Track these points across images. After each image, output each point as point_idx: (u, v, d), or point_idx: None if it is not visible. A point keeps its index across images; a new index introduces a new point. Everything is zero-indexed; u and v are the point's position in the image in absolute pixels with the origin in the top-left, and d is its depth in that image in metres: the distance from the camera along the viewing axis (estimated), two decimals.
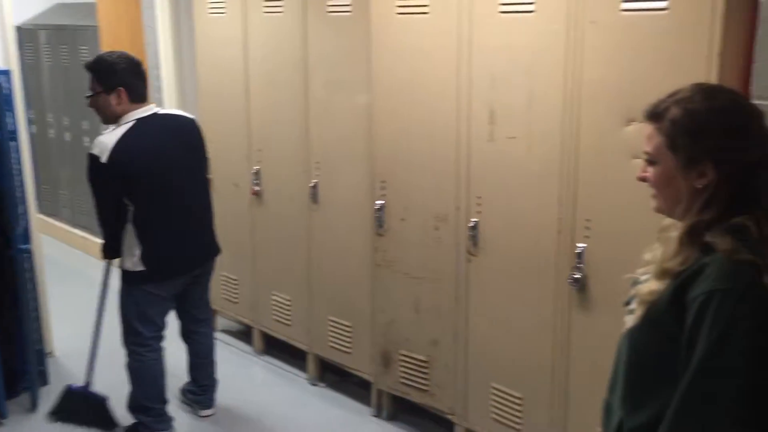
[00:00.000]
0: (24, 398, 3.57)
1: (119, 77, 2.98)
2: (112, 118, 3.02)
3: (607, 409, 1.61)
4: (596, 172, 2.42)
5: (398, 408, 3.43)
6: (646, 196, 1.57)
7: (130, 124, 2.98)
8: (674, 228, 1.49)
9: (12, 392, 3.55)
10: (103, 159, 2.90)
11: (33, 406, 3.52)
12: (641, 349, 1.47)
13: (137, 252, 3.00)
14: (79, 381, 3.41)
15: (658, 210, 1.53)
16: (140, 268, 3.02)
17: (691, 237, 1.39)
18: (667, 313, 1.39)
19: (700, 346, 1.31)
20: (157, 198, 3.02)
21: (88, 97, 3.03)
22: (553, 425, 2.70)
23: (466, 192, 2.84)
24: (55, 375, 3.81)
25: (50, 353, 4.00)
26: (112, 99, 2.97)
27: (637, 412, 1.47)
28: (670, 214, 1.50)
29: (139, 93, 3.03)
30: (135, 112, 3.00)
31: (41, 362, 3.77)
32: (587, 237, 2.48)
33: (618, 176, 2.35)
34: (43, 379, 3.76)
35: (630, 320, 1.50)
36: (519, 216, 2.69)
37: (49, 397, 3.50)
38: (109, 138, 2.94)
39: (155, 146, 3.02)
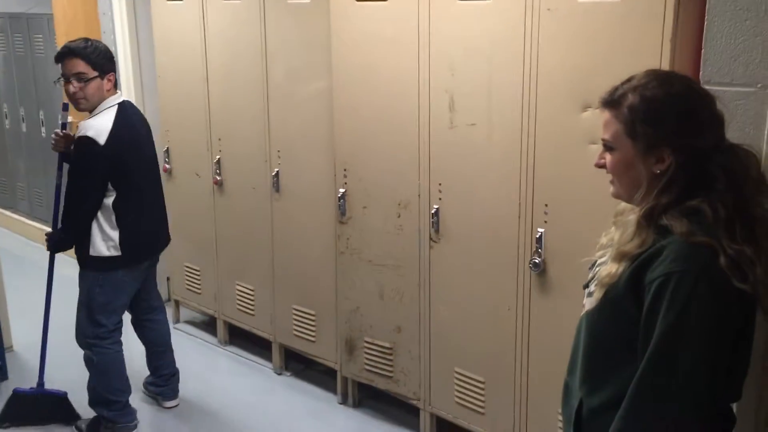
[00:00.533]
0: None
1: (112, 63, 3.01)
2: (95, 105, 2.98)
3: (567, 391, 1.64)
4: (553, 157, 2.46)
5: (364, 394, 3.45)
6: (601, 181, 1.61)
7: (115, 108, 2.98)
8: (630, 212, 1.52)
9: None
10: (101, 141, 2.88)
11: None
12: (600, 330, 1.50)
13: (115, 236, 2.98)
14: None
15: (616, 195, 1.55)
16: (116, 253, 3.00)
17: (649, 220, 1.42)
18: (626, 295, 1.42)
19: (659, 326, 1.34)
20: (140, 182, 3.05)
21: (85, 81, 2.92)
22: (515, 407, 2.74)
23: (428, 179, 2.86)
24: (15, 369, 3.76)
25: (9, 347, 3.93)
26: (106, 84, 2.97)
27: (597, 393, 1.50)
28: (627, 200, 1.52)
29: (117, 79, 3.11)
30: (113, 98, 3.01)
31: (0, 357, 3.71)
32: (546, 222, 2.52)
33: (574, 161, 2.38)
34: (2, 374, 3.71)
35: (589, 303, 1.53)
36: (480, 202, 2.71)
37: (9, 392, 3.44)
38: (102, 121, 2.93)
39: (138, 130, 3.08)
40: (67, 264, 3.34)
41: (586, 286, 1.60)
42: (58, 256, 3.21)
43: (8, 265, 4.14)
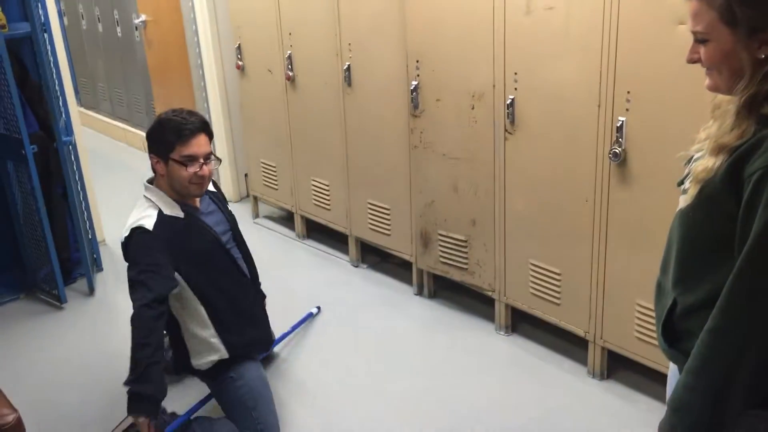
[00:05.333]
0: (81, 284, 3.76)
1: None
2: None
3: (659, 290, 1.59)
4: (637, 40, 2.33)
5: (439, 286, 3.51)
6: (690, 66, 1.51)
7: None
8: (729, 102, 1.41)
9: (69, 279, 3.74)
10: None
11: (90, 291, 3.71)
12: (696, 227, 1.42)
13: None
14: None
15: (714, 89, 1.41)
16: None
17: (750, 109, 1.31)
18: (723, 189, 1.33)
19: (757, 222, 1.26)
20: None
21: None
22: (591, 299, 2.74)
23: (502, 68, 2.77)
24: (108, 261, 3.98)
25: (102, 241, 4.16)
26: None
27: (692, 292, 1.44)
28: (728, 92, 1.39)
29: None
30: None
31: (94, 249, 3.93)
32: (627, 110, 2.41)
33: (660, 45, 2.25)
34: (97, 266, 3.93)
35: (683, 200, 1.45)
36: (557, 90, 2.62)
37: (104, 282, 3.66)
38: None
39: None
40: None
41: (681, 183, 1.52)
42: None
43: (94, 164, 4.31)
